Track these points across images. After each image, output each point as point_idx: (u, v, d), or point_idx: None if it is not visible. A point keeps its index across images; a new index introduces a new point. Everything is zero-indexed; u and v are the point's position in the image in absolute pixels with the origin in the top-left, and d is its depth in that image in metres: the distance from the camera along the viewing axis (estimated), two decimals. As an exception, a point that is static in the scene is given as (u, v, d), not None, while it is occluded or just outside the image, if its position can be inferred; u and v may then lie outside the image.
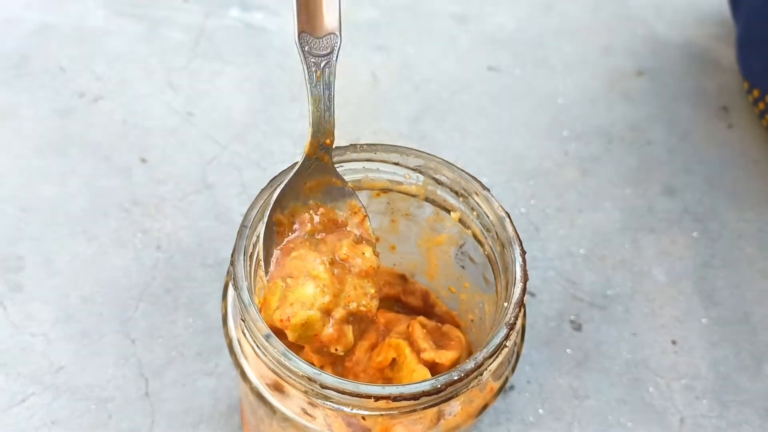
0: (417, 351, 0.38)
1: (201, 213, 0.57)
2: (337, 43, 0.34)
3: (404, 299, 0.45)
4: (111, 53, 0.65)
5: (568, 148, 0.64)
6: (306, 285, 0.34)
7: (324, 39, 0.33)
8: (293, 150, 0.61)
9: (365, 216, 0.37)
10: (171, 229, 0.56)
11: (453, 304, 0.44)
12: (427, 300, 0.45)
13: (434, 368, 0.38)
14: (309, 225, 0.36)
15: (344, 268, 0.35)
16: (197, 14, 0.69)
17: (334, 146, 0.36)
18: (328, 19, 0.33)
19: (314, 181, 0.36)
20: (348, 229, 0.36)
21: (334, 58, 0.34)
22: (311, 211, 0.36)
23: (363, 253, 0.35)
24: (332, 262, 0.35)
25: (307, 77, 0.34)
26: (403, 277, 0.46)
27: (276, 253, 0.35)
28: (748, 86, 0.64)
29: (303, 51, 0.33)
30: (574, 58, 0.69)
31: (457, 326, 0.43)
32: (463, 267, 0.41)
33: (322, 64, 0.34)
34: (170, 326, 0.52)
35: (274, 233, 0.35)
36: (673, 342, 0.55)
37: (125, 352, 0.51)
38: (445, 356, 0.37)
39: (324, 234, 0.36)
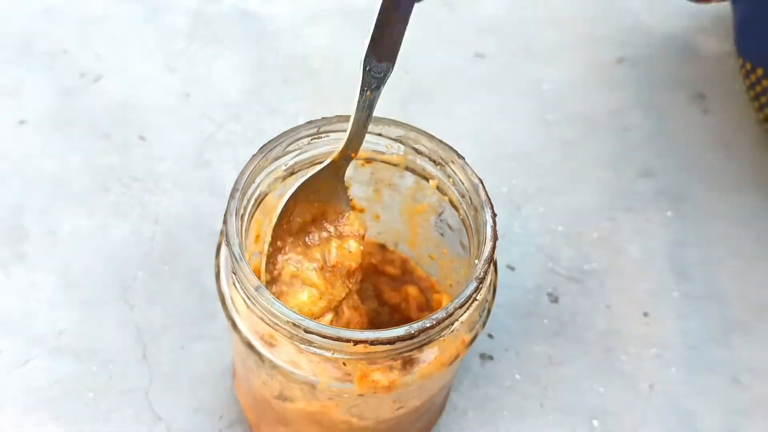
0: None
1: (197, 188, 0.60)
2: (389, 71, 0.38)
3: (382, 268, 0.48)
4: (112, 36, 0.68)
5: (550, 132, 0.67)
6: (302, 293, 0.37)
7: (382, 65, 0.37)
8: (285, 128, 0.64)
9: (362, 235, 0.40)
10: (169, 203, 0.59)
11: (433, 270, 0.47)
12: (406, 267, 0.48)
13: None
14: (305, 222, 0.40)
15: (333, 272, 0.39)
16: (195, 0, 0.71)
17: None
18: (392, 49, 0.38)
19: (325, 183, 0.39)
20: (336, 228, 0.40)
21: (383, 85, 0.38)
22: (311, 210, 0.39)
23: (349, 251, 0.39)
24: (323, 267, 0.39)
25: (358, 95, 0.38)
26: (382, 246, 0.48)
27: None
28: (751, 66, 0.64)
29: (364, 70, 0.36)
30: (557, 46, 0.72)
31: (436, 291, 0.46)
32: (441, 234, 0.44)
33: (373, 86, 0.36)
34: (167, 294, 0.55)
35: (285, 223, 0.39)
36: (645, 314, 0.57)
37: (124, 318, 0.53)
38: None
39: (314, 233, 0.40)
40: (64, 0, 0.69)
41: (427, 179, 0.41)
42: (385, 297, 0.46)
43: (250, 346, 0.36)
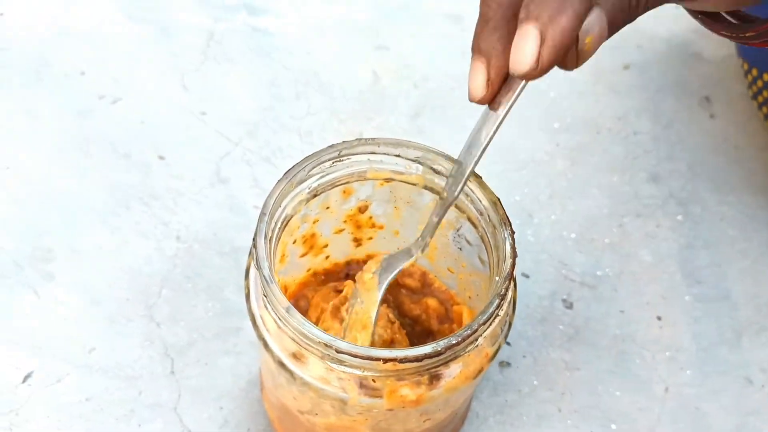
0: None
1: (216, 205, 0.61)
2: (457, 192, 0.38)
3: (402, 281, 0.49)
4: (127, 57, 0.69)
5: (558, 139, 0.68)
6: None
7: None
8: (300, 146, 0.65)
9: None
10: (189, 221, 0.60)
11: (452, 283, 0.49)
12: (425, 280, 0.49)
13: None
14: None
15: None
16: (207, 19, 0.73)
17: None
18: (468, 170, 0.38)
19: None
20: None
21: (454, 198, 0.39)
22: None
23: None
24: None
25: (439, 201, 0.39)
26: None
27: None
28: (747, 66, 0.66)
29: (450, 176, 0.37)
30: (564, 54, 0.73)
31: (455, 302, 0.47)
32: (460, 249, 0.45)
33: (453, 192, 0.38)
34: (191, 310, 0.56)
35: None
36: (658, 318, 0.59)
37: (151, 335, 0.55)
38: None
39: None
40: (78, 22, 0.71)
41: (446, 197, 0.42)
42: (406, 309, 0.48)
43: (281, 364, 0.37)
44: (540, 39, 0.29)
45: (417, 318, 0.47)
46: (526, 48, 0.29)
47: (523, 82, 0.33)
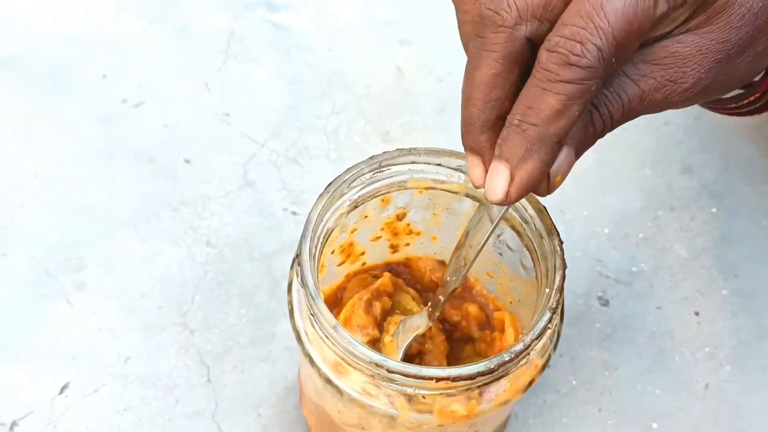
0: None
1: (244, 209, 0.61)
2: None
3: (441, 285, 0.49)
4: (148, 60, 0.68)
5: (588, 132, 0.67)
6: None
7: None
8: (327, 145, 0.65)
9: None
10: (218, 225, 0.60)
11: (491, 287, 0.48)
12: (466, 284, 0.48)
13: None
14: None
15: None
16: (226, 18, 0.72)
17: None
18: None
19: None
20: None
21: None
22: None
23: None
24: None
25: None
26: (442, 263, 0.49)
27: None
28: None
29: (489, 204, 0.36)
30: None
31: (496, 308, 0.46)
32: (500, 254, 0.44)
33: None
34: (224, 317, 0.56)
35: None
36: (696, 313, 0.58)
37: (185, 342, 0.54)
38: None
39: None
40: (98, 25, 0.70)
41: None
42: (445, 314, 0.47)
43: (328, 381, 0.37)
44: (509, 178, 0.32)
45: (457, 324, 0.46)
46: (496, 184, 0.32)
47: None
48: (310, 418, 0.48)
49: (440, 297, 0.41)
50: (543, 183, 0.33)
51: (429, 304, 0.42)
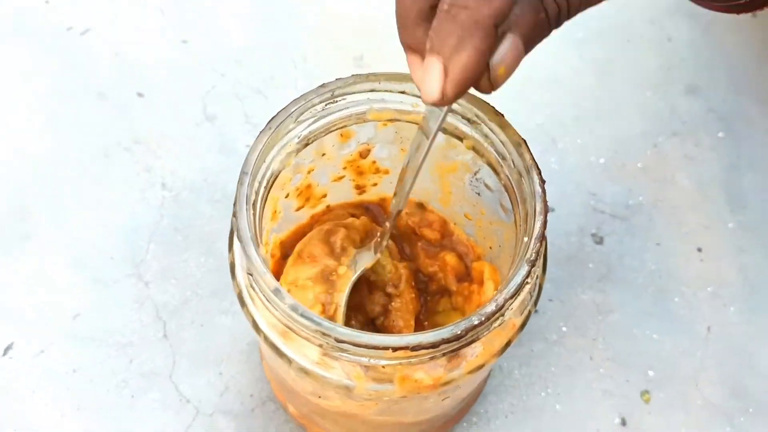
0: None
1: (204, 147, 0.55)
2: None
3: (420, 231, 0.44)
4: (95, -19, 0.62)
5: (583, 51, 0.61)
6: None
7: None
8: (294, 73, 0.59)
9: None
10: (175, 165, 0.54)
11: (470, 230, 0.43)
12: (446, 230, 0.43)
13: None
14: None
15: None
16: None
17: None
18: None
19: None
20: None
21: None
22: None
23: None
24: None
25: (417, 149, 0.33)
26: (421, 206, 0.44)
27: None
28: None
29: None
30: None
31: (477, 257, 0.41)
32: (478, 194, 0.39)
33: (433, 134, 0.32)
34: (183, 266, 0.51)
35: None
36: (699, 249, 0.53)
37: (140, 296, 0.50)
38: None
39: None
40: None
41: (460, 138, 0.36)
42: (420, 264, 0.42)
43: (274, 348, 0.32)
44: (443, 73, 0.28)
45: (433, 275, 0.41)
46: (431, 81, 0.28)
47: None
48: (272, 381, 0.44)
49: (387, 224, 0.37)
50: (484, 77, 0.29)
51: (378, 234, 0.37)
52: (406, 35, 0.30)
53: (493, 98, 0.36)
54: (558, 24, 0.31)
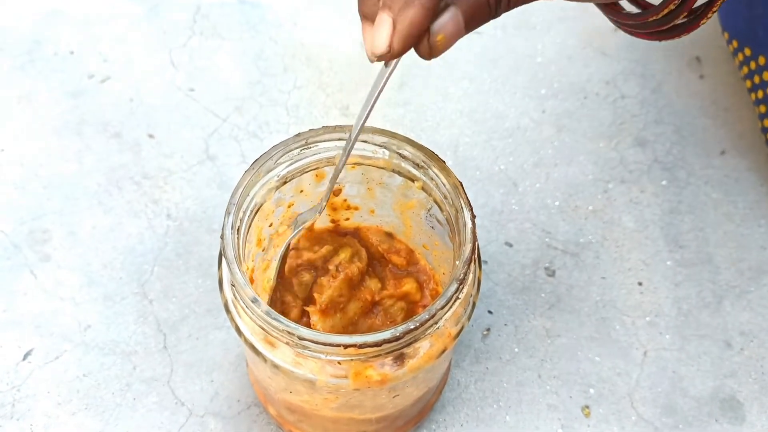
0: None
1: (205, 183, 0.63)
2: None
3: (388, 257, 0.50)
4: (116, 35, 0.70)
5: (545, 106, 0.68)
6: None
7: None
8: (287, 119, 0.66)
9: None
10: (179, 198, 0.62)
11: (429, 258, 0.50)
12: (411, 258, 0.50)
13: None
14: None
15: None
16: (194, -8, 0.73)
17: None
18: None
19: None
20: None
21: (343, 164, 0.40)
22: None
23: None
24: None
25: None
26: (390, 235, 0.51)
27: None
28: (728, 37, 0.66)
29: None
30: (553, 17, 0.73)
31: (436, 283, 0.48)
32: (432, 227, 0.46)
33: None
34: (183, 286, 0.58)
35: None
36: (639, 283, 0.60)
37: (144, 311, 0.57)
38: None
39: None
40: (67, 2, 0.71)
41: (413, 180, 0.43)
42: (389, 287, 0.49)
43: (253, 348, 0.39)
44: (392, 27, 0.32)
45: (403, 296, 0.48)
46: (380, 35, 0.32)
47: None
48: (254, 384, 0.51)
49: (328, 183, 0.41)
50: (424, 41, 0.33)
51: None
52: (364, 6, 0.34)
53: (462, 145, 0.43)
54: (497, 13, 0.33)
